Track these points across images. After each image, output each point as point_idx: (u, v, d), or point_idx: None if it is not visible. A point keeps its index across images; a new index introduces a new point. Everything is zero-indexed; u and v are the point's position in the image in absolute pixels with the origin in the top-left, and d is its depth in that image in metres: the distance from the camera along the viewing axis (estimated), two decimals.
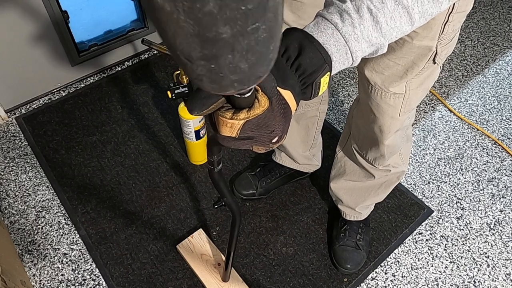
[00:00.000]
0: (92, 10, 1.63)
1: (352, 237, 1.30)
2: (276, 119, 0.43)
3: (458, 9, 0.76)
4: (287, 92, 0.44)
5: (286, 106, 0.44)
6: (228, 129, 0.43)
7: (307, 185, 1.49)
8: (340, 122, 1.69)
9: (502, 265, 1.35)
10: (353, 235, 1.30)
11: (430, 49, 0.82)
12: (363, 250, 1.30)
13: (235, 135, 0.43)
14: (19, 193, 1.44)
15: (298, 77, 0.45)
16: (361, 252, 1.29)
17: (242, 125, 0.42)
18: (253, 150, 0.49)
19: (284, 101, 0.44)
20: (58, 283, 1.25)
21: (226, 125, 0.42)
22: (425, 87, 0.94)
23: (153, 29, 1.81)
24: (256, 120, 0.42)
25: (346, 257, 1.28)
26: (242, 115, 0.41)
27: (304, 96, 0.47)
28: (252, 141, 0.44)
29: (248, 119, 0.41)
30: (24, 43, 1.50)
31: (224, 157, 1.55)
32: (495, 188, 1.53)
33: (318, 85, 0.46)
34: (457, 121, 1.74)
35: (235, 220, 0.95)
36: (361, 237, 1.31)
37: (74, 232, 1.35)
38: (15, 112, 1.66)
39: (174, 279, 1.26)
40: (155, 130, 1.62)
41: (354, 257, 1.28)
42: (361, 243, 1.30)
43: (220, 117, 0.42)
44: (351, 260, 1.28)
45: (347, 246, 1.29)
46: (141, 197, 1.43)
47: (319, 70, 0.45)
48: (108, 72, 1.81)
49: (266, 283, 1.27)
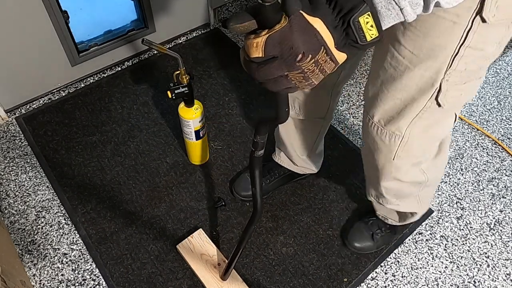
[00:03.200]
0: (92, 10, 1.63)
1: (372, 228, 1.32)
2: (294, 35, 0.47)
3: (472, 43, 0.69)
4: (316, 20, 0.47)
5: (308, 28, 0.47)
6: (254, 49, 0.49)
7: (307, 185, 1.49)
8: (340, 122, 1.69)
9: (502, 265, 1.35)
10: (375, 227, 1.32)
11: (433, 83, 0.75)
12: (375, 244, 1.31)
13: (261, 54, 0.49)
14: (19, 193, 1.44)
15: (335, 15, 0.47)
16: (373, 243, 1.31)
17: (265, 42, 0.48)
18: (291, 88, 0.53)
19: (306, 24, 0.47)
20: (58, 283, 1.25)
21: (252, 46, 0.49)
22: (431, 136, 0.87)
23: (153, 29, 1.81)
24: (276, 35, 0.47)
25: (358, 237, 1.31)
26: (264, 32, 0.48)
27: (348, 37, 0.48)
28: (279, 62, 0.49)
29: (269, 35, 0.47)
30: (24, 43, 1.50)
31: (224, 157, 1.55)
32: (495, 188, 1.53)
33: (359, 26, 0.46)
34: (457, 121, 1.74)
35: (255, 216, 0.93)
36: (380, 233, 1.32)
37: (74, 232, 1.35)
38: (15, 112, 1.66)
39: (174, 279, 1.26)
40: (155, 130, 1.62)
41: (365, 241, 1.31)
42: (377, 237, 1.31)
43: (248, 40, 0.49)
44: (361, 242, 1.31)
45: (363, 230, 1.32)
46: (141, 197, 1.43)
47: (355, 8, 0.46)
48: (108, 72, 1.81)
49: (266, 283, 1.27)
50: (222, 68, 1.85)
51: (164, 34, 1.89)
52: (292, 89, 0.53)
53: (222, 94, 1.75)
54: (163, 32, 1.87)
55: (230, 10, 2.12)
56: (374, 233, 1.31)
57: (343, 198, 1.46)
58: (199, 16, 1.97)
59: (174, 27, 1.91)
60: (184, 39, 1.97)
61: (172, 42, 1.95)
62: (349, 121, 1.70)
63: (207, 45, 1.94)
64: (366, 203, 1.45)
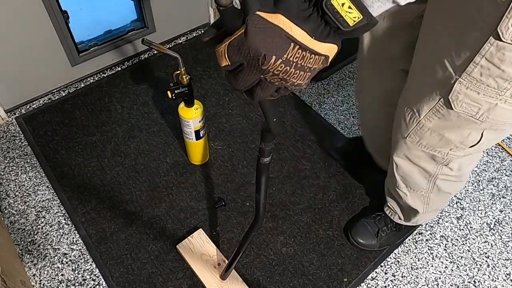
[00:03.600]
0: (92, 10, 1.63)
1: (379, 224, 1.32)
2: (249, 38, 0.45)
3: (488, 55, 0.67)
4: (276, 16, 0.45)
5: (267, 27, 0.45)
6: (220, 58, 0.49)
7: (307, 185, 1.49)
8: (340, 122, 1.69)
9: (502, 265, 1.35)
10: (381, 224, 1.33)
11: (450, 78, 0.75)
12: (378, 242, 1.32)
13: (227, 62, 0.48)
14: (19, 193, 1.44)
15: (308, 3, 0.44)
16: (376, 240, 1.31)
17: (226, 50, 0.47)
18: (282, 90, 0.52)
19: (264, 23, 0.45)
20: (58, 283, 1.25)
21: (218, 55, 0.49)
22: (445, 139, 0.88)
23: (153, 29, 1.81)
24: (234, 42, 0.46)
25: (363, 232, 1.32)
26: (225, 40, 0.47)
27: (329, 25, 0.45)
28: (247, 68, 0.48)
29: (228, 42, 0.47)
30: (24, 43, 1.50)
31: (224, 157, 1.55)
32: (495, 188, 1.53)
33: (334, 10, 0.43)
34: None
35: (256, 222, 0.92)
36: (385, 231, 1.32)
37: (74, 232, 1.35)
38: (15, 112, 1.66)
39: (174, 279, 1.26)
40: (155, 130, 1.62)
41: (368, 238, 1.31)
42: (382, 234, 1.32)
43: (215, 51, 0.49)
44: (365, 238, 1.31)
45: (369, 226, 1.32)
46: (141, 197, 1.43)
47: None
48: (108, 72, 1.81)
49: (266, 283, 1.27)
50: None
51: (164, 34, 1.89)
52: (283, 90, 0.51)
53: (222, 94, 1.75)
54: (163, 32, 1.87)
55: None
56: (380, 230, 1.32)
57: (343, 198, 1.46)
58: (199, 16, 1.98)
59: (174, 27, 1.91)
60: (184, 39, 1.97)
61: (172, 42, 1.95)
62: (349, 121, 1.70)
63: (207, 45, 1.94)
64: (372, 202, 1.45)
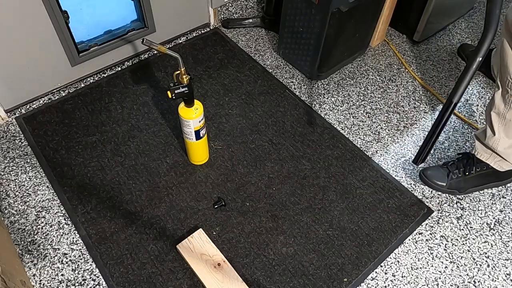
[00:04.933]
0: (92, 10, 1.63)
1: (451, 168, 1.44)
2: None
3: None
4: None
5: None
6: None
7: (307, 185, 1.49)
8: (340, 122, 1.69)
9: (502, 265, 1.35)
10: (453, 167, 1.44)
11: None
12: (448, 182, 1.43)
13: None
14: (19, 193, 1.44)
15: None
16: (446, 181, 1.43)
17: None
18: None
19: None
20: (58, 283, 1.25)
21: None
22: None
23: (153, 29, 1.81)
24: None
25: (434, 171, 1.44)
26: None
27: None
28: None
29: None
30: (24, 43, 1.50)
31: (224, 157, 1.55)
32: (495, 188, 1.53)
33: None
34: (457, 121, 1.74)
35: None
36: (457, 173, 1.43)
37: (74, 232, 1.35)
38: (15, 112, 1.66)
39: (174, 279, 1.26)
40: (155, 130, 1.62)
41: (440, 177, 1.44)
42: (453, 176, 1.43)
43: None
44: (436, 176, 1.44)
45: (441, 169, 1.46)
46: (141, 197, 1.43)
47: None
48: (108, 72, 1.81)
49: (266, 283, 1.27)
50: (222, 68, 1.85)
51: (164, 34, 1.90)
52: None
53: (222, 94, 1.75)
54: (163, 32, 1.87)
55: (230, 10, 2.12)
56: (452, 173, 1.42)
57: (343, 198, 1.46)
58: (199, 16, 1.98)
59: (174, 27, 1.91)
60: (184, 39, 1.97)
61: (172, 42, 1.95)
62: (349, 121, 1.70)
63: (207, 45, 1.94)
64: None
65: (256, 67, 1.87)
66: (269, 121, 1.67)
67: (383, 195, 1.48)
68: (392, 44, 2.04)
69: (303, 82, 1.84)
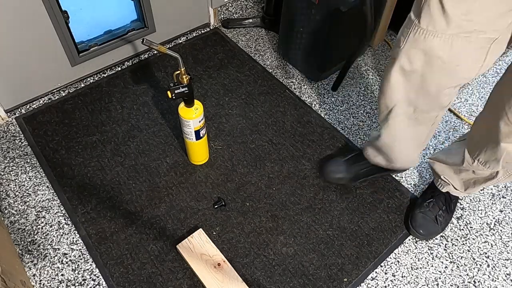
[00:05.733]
0: (92, 10, 1.63)
1: (434, 210, 1.38)
2: None
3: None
4: None
5: None
6: None
7: (307, 185, 1.49)
8: (340, 122, 1.69)
9: (502, 265, 1.35)
10: (436, 209, 1.38)
11: None
12: (440, 226, 1.37)
13: None
14: (19, 193, 1.44)
15: None
16: (437, 226, 1.37)
17: None
18: None
19: None
20: (58, 283, 1.25)
21: None
22: None
23: (153, 29, 1.81)
24: None
25: (422, 223, 1.37)
26: None
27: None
28: None
29: None
30: (24, 43, 1.50)
31: (224, 157, 1.55)
32: (495, 188, 1.53)
33: None
34: (457, 121, 1.74)
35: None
36: (442, 214, 1.38)
37: (74, 232, 1.35)
38: (15, 112, 1.66)
39: (174, 279, 1.26)
40: (155, 130, 1.62)
41: (429, 226, 1.36)
42: (440, 219, 1.37)
43: None
44: (425, 228, 1.36)
45: (426, 216, 1.37)
46: (141, 197, 1.43)
47: None
48: (108, 72, 1.81)
49: (266, 283, 1.27)
50: (222, 68, 1.85)
51: (164, 34, 1.90)
52: None
53: (222, 94, 1.75)
54: (163, 32, 1.87)
55: (230, 10, 2.12)
56: (437, 216, 1.37)
57: (343, 198, 1.46)
58: (199, 16, 1.98)
59: (174, 27, 1.91)
60: (184, 39, 1.97)
61: (172, 42, 1.95)
62: (349, 121, 1.70)
63: (207, 45, 1.94)
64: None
65: (256, 67, 1.87)
66: (269, 121, 1.67)
67: (383, 195, 1.48)
68: (392, 44, 2.04)
69: (303, 82, 1.84)
